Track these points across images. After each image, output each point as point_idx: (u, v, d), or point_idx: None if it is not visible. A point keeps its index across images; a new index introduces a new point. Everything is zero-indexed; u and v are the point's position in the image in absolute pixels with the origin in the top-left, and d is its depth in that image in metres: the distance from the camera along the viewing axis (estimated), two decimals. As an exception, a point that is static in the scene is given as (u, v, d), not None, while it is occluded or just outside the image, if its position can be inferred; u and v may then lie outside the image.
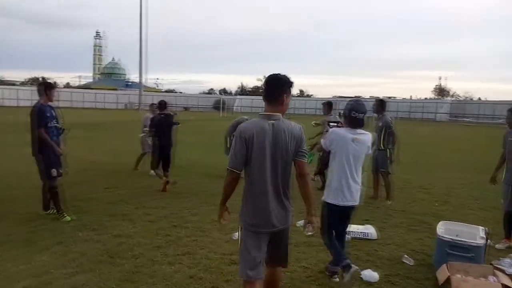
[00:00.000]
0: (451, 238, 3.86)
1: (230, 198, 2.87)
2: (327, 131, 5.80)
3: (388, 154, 6.82)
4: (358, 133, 3.71)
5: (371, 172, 7.13)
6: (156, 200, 6.62)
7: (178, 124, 8.17)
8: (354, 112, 3.69)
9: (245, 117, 9.05)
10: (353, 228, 5.07)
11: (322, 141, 4.03)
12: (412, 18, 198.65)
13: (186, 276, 3.82)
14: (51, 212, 5.62)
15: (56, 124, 5.37)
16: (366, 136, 3.76)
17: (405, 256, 4.35)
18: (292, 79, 2.78)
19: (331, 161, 3.84)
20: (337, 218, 3.81)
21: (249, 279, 2.75)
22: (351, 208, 3.80)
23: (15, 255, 4.23)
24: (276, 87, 2.75)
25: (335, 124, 6.45)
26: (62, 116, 5.55)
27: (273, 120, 2.68)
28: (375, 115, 7.11)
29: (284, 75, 2.78)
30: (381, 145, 6.85)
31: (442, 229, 4.15)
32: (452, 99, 67.68)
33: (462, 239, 3.84)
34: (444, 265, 3.62)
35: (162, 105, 7.79)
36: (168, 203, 6.44)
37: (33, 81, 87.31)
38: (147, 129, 8.52)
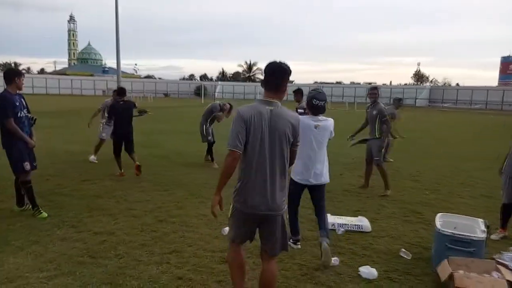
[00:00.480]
0: (451, 232, 3.72)
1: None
2: None
3: (381, 142, 6.66)
4: (320, 120, 4.03)
5: (364, 161, 7.01)
6: (139, 193, 6.30)
7: (146, 112, 8.03)
8: (315, 100, 4.00)
9: (218, 102, 9.00)
10: (346, 221, 4.93)
11: None
12: (391, 5, 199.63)
13: (174, 277, 3.56)
14: (25, 208, 5.25)
15: (27, 114, 4.97)
16: (328, 122, 4.08)
17: (402, 250, 4.20)
18: (290, 67, 2.81)
19: None
20: (299, 194, 4.21)
21: (234, 240, 2.93)
22: (318, 186, 4.13)
23: (-13, 258, 3.89)
24: (276, 75, 2.77)
25: (302, 111, 6.91)
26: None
27: (272, 106, 2.72)
28: (369, 103, 6.90)
29: (284, 63, 2.79)
30: (377, 134, 6.66)
31: (440, 221, 4.01)
32: (431, 84, 68.68)
33: (463, 233, 3.70)
34: (445, 261, 3.47)
35: (121, 91, 7.73)
36: (152, 196, 6.13)
37: (4, 67, 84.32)
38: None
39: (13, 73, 4.91)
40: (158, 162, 8.94)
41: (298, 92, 7.96)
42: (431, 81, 76.08)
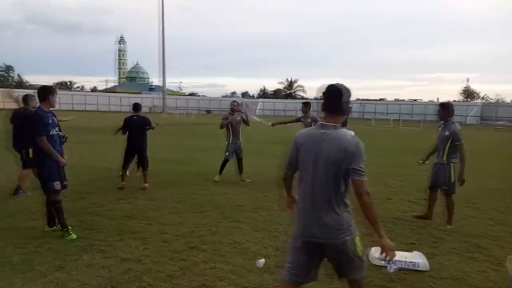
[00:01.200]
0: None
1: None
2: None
3: (451, 169, 5.71)
4: None
5: (427, 188, 6.17)
6: (173, 215, 6.00)
7: (153, 128, 8.19)
8: None
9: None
10: (399, 256, 4.27)
11: None
12: (436, 19, 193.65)
13: (201, 319, 3.16)
14: (56, 228, 5.08)
15: (58, 132, 4.84)
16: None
17: (470, 296, 3.55)
18: (349, 89, 2.70)
19: None
20: None
21: (281, 278, 2.84)
22: None
23: (9, 284, 3.69)
24: (329, 97, 2.71)
25: (309, 121, 7.67)
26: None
27: (326, 129, 2.64)
28: (441, 122, 6.00)
29: (338, 84, 2.70)
30: (444, 159, 5.75)
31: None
32: (483, 101, 65.01)
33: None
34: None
35: (136, 107, 8.06)
36: (185, 218, 5.81)
37: (61, 86, 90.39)
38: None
39: (46, 90, 4.82)
40: (194, 180, 8.69)
41: (307, 104, 8.45)
42: (483, 98, 72.03)
